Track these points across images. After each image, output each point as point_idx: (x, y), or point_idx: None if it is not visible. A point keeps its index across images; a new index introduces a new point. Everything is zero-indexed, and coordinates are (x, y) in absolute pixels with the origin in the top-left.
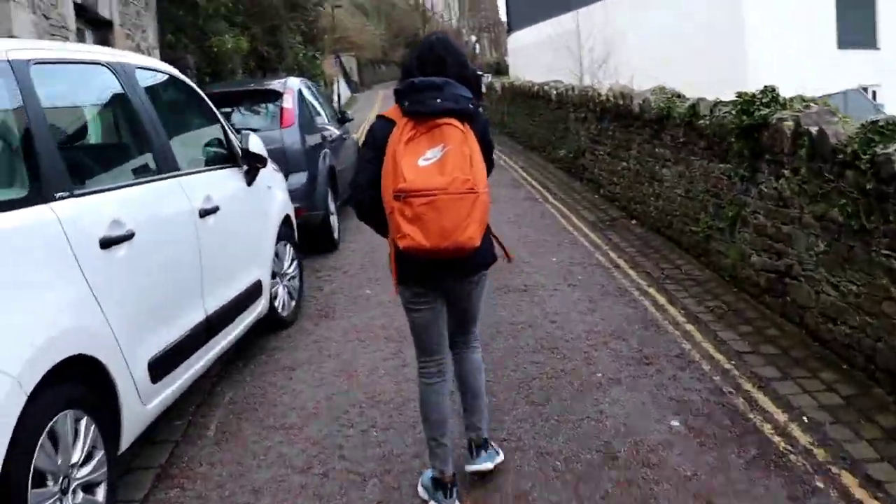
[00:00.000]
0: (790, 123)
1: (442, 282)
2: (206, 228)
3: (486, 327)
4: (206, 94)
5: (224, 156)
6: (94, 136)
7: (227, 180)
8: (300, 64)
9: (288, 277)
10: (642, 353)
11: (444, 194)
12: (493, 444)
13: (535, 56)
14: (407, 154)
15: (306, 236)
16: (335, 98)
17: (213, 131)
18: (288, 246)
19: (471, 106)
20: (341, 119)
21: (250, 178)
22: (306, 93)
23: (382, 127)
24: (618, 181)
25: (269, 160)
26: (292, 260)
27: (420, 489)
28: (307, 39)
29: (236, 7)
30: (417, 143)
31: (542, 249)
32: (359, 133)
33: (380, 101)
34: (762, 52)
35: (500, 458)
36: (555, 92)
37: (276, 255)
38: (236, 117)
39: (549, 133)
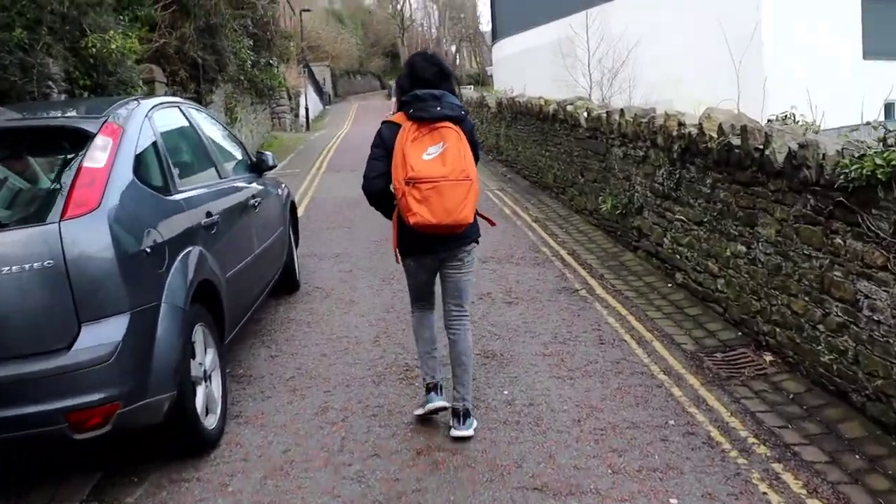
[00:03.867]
0: None
1: (437, 253)
2: None
3: None
4: None
5: None
6: None
7: None
8: (248, 73)
9: None
10: None
11: (445, 181)
12: (471, 414)
13: (525, 66)
14: (413, 150)
15: (149, 435)
16: (302, 112)
17: None
18: None
19: (462, 112)
20: (256, 166)
21: None
22: (183, 125)
23: (390, 129)
24: (721, 273)
25: None
26: None
27: (417, 410)
28: (259, 45)
29: None
30: (421, 142)
31: (632, 460)
32: (329, 151)
33: (353, 113)
34: (782, 67)
35: (475, 423)
36: (585, 115)
37: None
38: None
39: (573, 171)
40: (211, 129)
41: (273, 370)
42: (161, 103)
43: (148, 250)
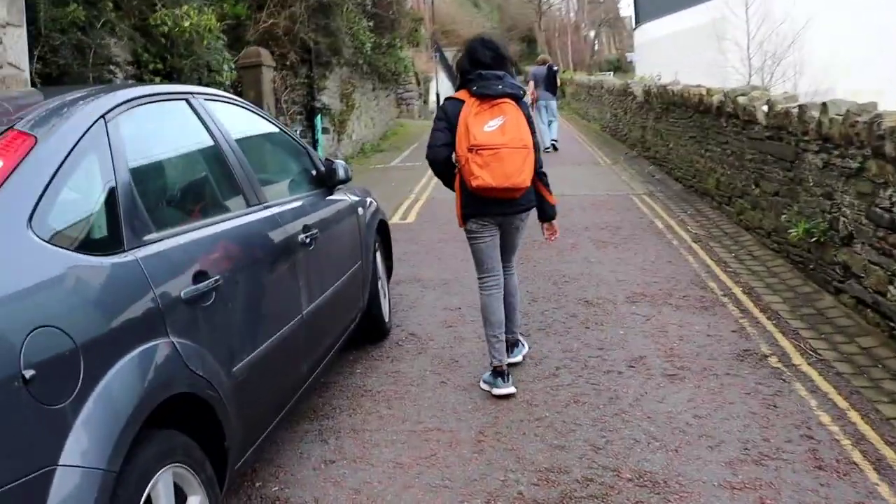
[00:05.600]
0: None
1: (496, 217)
2: None
3: None
4: None
5: None
6: None
7: None
8: (367, 57)
9: None
10: None
11: (505, 149)
12: (521, 338)
13: (671, 52)
14: (476, 122)
15: None
16: (432, 98)
17: None
18: None
19: (521, 92)
20: (324, 179)
21: None
22: (188, 130)
23: (454, 105)
24: None
25: None
26: None
27: (482, 384)
28: (383, 26)
29: None
30: (483, 116)
31: None
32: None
33: None
34: None
35: (527, 348)
36: (765, 109)
37: None
38: None
39: (744, 179)
40: (249, 131)
41: (322, 491)
42: (143, 96)
43: (27, 375)
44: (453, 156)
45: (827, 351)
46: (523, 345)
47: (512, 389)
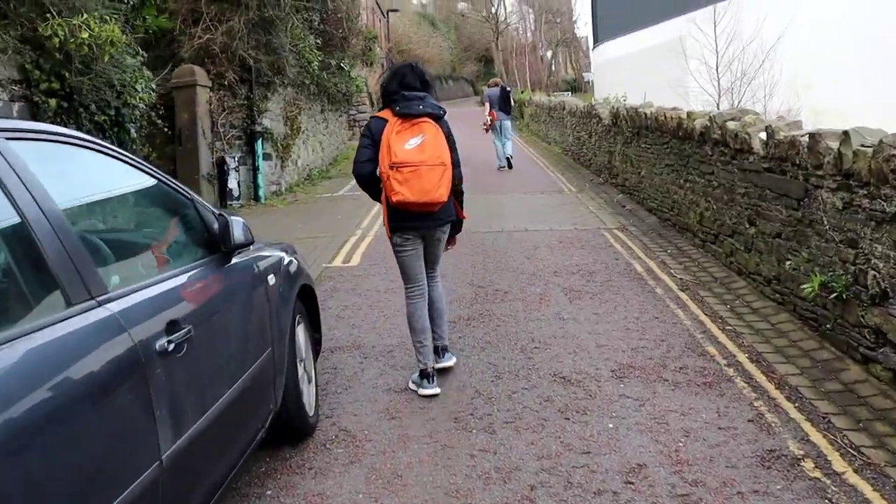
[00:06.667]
0: None
1: (419, 230)
2: None
3: None
4: None
5: None
6: None
7: None
8: (315, 76)
9: None
10: None
11: (423, 166)
12: (450, 350)
13: (629, 71)
14: (397, 141)
15: None
16: None
17: None
18: None
19: (441, 112)
20: (221, 241)
21: None
22: None
23: (378, 123)
24: None
25: None
26: None
27: (410, 384)
28: (332, 44)
29: None
30: (404, 134)
31: None
32: None
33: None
34: None
35: (454, 359)
36: (763, 136)
37: None
38: None
39: (734, 215)
40: (95, 185)
41: None
42: None
43: None
44: (378, 170)
45: (873, 449)
46: (452, 354)
47: (437, 390)
